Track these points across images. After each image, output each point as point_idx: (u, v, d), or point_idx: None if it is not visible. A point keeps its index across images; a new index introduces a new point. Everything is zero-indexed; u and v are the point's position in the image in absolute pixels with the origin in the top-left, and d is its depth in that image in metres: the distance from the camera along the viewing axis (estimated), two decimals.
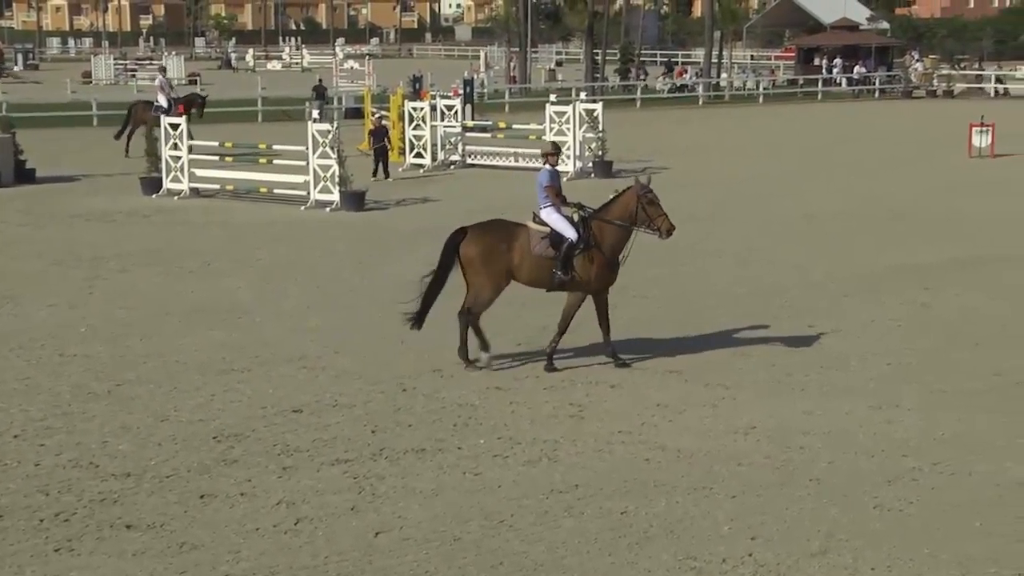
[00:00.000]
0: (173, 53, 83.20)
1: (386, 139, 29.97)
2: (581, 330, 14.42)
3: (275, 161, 26.65)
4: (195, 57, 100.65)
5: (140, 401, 11.86)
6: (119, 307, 15.97)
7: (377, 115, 31.85)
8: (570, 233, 12.66)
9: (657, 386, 12.24)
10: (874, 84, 62.38)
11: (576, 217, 12.78)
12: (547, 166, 13.12)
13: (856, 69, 63.51)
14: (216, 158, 26.81)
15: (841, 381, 12.42)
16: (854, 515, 8.99)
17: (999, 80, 62.08)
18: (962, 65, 68.59)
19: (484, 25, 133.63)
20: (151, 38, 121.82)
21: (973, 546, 8.44)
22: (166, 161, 26.51)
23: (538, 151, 29.84)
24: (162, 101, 32.89)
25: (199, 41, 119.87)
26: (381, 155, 29.08)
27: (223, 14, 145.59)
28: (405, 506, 9.21)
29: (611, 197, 12.96)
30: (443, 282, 12.95)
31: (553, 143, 13.59)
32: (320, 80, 48.86)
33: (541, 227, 12.82)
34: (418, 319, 13.07)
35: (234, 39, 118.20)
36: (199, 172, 26.50)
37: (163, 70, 36.92)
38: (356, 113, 41.23)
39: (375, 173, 28.51)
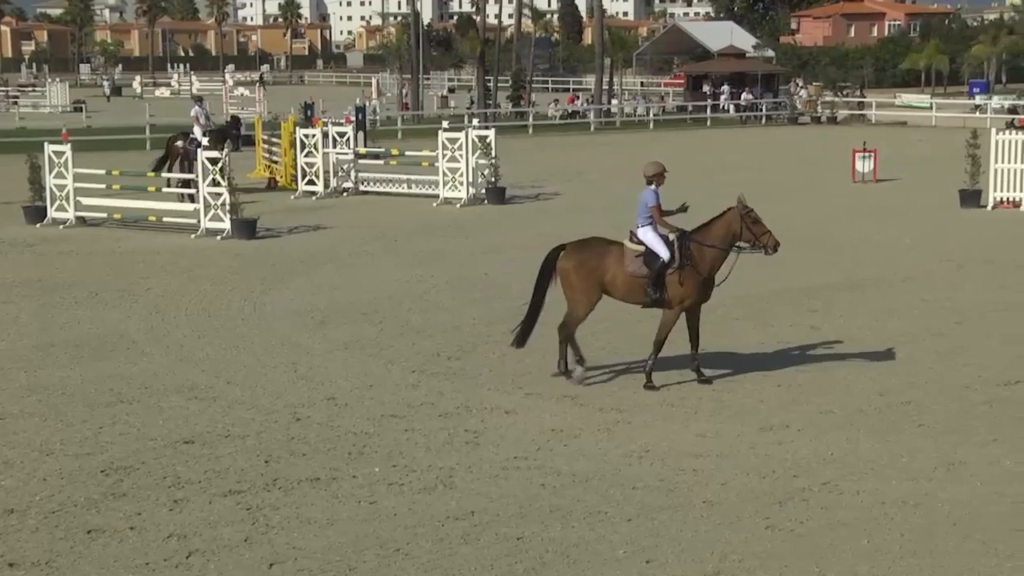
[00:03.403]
0: (57, 80, 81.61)
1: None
2: (468, 357, 14.44)
3: (164, 189, 26.29)
4: (80, 84, 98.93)
5: (24, 435, 11.56)
6: (1, 339, 15.57)
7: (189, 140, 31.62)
8: (663, 253, 12.83)
9: (552, 411, 12.28)
10: (761, 110, 63.61)
11: (672, 237, 12.93)
12: (652, 187, 13.14)
13: (743, 96, 64.75)
14: (103, 186, 26.35)
15: (732, 403, 12.59)
16: (747, 536, 9.10)
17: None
18: (844, 92, 70.35)
19: (376, 52, 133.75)
20: (34, 64, 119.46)
21: (862, 564, 8.60)
22: (50, 190, 25.98)
23: (432, 177, 30.14)
24: (197, 133, 30.69)
25: (84, 68, 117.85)
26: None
27: (109, 40, 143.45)
28: (299, 536, 9.10)
29: (710, 218, 13.18)
30: (543, 297, 13.18)
31: (659, 163, 13.28)
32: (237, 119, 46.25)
33: (636, 246, 12.98)
34: (521, 337, 13.33)
35: (120, 66, 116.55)
36: (85, 200, 26.01)
37: (199, 100, 33.31)
38: (247, 140, 40.84)
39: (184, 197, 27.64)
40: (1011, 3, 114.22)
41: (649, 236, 12.96)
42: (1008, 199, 27.88)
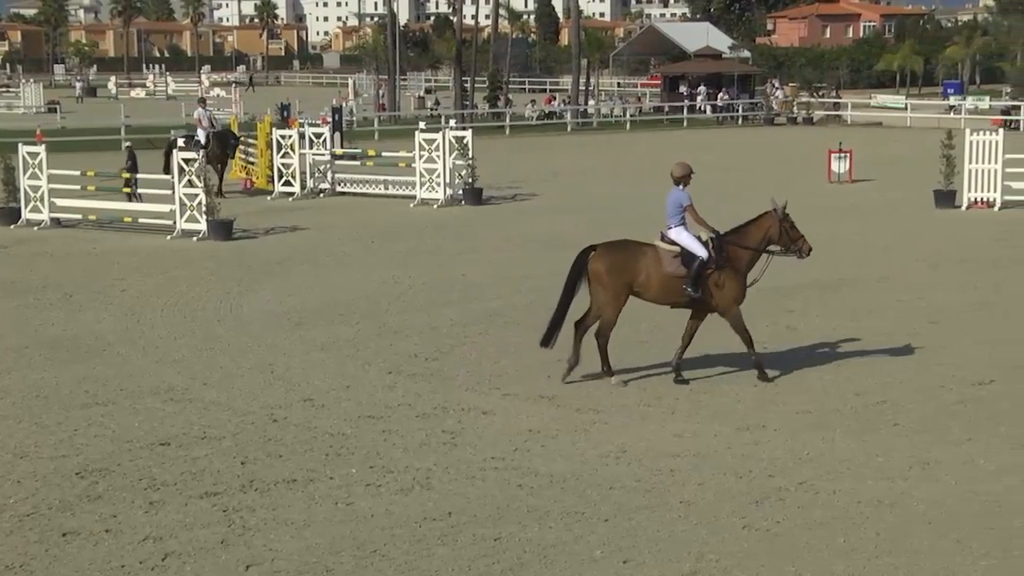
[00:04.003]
0: (31, 80, 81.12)
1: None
2: (446, 358, 14.43)
3: (140, 190, 26.18)
4: (55, 85, 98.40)
5: None
6: None
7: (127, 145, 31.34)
8: (701, 252, 12.94)
9: (529, 412, 12.29)
10: (737, 111, 63.77)
11: (704, 237, 13.01)
12: (681, 187, 13.22)
13: (720, 96, 64.89)
14: (78, 187, 26.23)
15: (709, 404, 12.62)
16: (723, 536, 9.13)
17: None
18: (820, 93, 70.62)
19: (352, 53, 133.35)
20: (7, 65, 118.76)
21: (837, 563, 8.64)
22: (24, 191, 25.84)
23: (409, 178, 30.10)
24: (200, 136, 30.60)
25: (58, 68, 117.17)
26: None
27: (83, 41, 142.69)
28: (276, 538, 9.08)
29: (745, 221, 13.38)
30: (571, 298, 13.16)
31: (686, 164, 13.53)
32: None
33: (670, 247, 13.03)
34: (548, 337, 13.25)
35: (95, 66, 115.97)
36: (60, 202, 25.89)
37: (203, 102, 33.66)
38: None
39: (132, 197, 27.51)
40: (984, 4, 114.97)
41: (683, 236, 13.09)
42: (982, 199, 28.06)
